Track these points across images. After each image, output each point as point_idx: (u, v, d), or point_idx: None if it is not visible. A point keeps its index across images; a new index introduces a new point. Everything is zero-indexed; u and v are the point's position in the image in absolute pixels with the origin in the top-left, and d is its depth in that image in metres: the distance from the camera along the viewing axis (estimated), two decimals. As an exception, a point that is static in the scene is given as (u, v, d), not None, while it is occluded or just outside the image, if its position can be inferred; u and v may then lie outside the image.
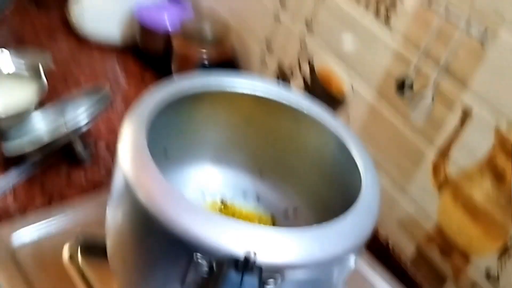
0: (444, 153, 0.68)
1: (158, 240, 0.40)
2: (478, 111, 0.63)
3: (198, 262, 0.38)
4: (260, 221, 0.59)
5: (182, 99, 0.53)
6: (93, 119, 0.73)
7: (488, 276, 0.65)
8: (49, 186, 0.73)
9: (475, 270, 0.66)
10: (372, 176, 0.47)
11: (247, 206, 0.61)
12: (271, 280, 0.38)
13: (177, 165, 0.59)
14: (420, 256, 0.74)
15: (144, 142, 0.44)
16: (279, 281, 0.38)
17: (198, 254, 0.37)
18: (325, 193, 0.57)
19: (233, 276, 0.35)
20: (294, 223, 0.59)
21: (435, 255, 0.72)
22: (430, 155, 0.70)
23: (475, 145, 0.64)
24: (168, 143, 0.57)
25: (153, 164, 0.42)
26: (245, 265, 0.35)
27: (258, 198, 0.61)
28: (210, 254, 0.37)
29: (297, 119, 0.56)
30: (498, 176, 0.62)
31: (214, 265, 0.37)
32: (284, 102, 0.55)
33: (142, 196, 0.40)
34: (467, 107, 0.64)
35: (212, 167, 0.62)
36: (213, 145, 0.60)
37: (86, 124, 0.72)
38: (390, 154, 0.75)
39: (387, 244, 0.78)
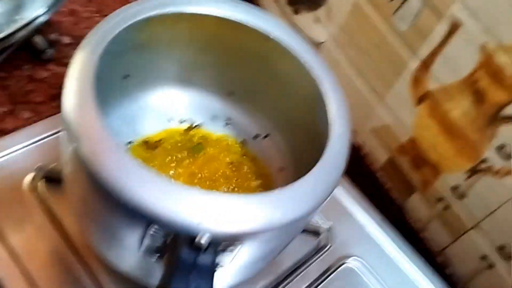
0: (426, 66, 0.64)
1: (106, 203, 0.38)
2: (467, 26, 0.58)
3: (151, 233, 0.37)
4: (230, 146, 0.57)
5: (141, 22, 0.47)
6: (54, 9, 0.66)
7: (455, 193, 0.66)
8: (11, 89, 0.69)
9: (443, 186, 0.67)
10: (342, 124, 0.45)
11: (216, 130, 0.58)
12: (230, 248, 0.37)
13: (140, 90, 0.56)
14: (392, 165, 0.74)
15: (91, 87, 0.40)
16: (238, 248, 0.38)
17: (151, 225, 0.36)
18: (297, 123, 0.55)
19: (187, 256, 0.34)
20: (266, 150, 0.58)
21: (406, 166, 0.72)
22: (412, 66, 0.66)
23: (459, 62, 0.60)
24: (129, 68, 0.52)
25: (100, 118, 0.38)
26: (199, 245, 0.34)
27: (228, 122, 0.59)
28: (163, 226, 0.36)
29: (265, 44, 0.51)
30: (478, 97, 0.60)
31: (168, 239, 0.36)
32: (250, 25, 0.50)
33: (86, 154, 0.37)
34: (457, 20, 0.59)
35: (179, 91, 0.58)
36: (178, 68, 0.56)
37: (46, 13, 0.65)
38: (371, 59, 0.71)
39: (360, 151, 0.78)
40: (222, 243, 0.37)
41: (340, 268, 0.58)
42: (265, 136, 0.58)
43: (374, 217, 0.64)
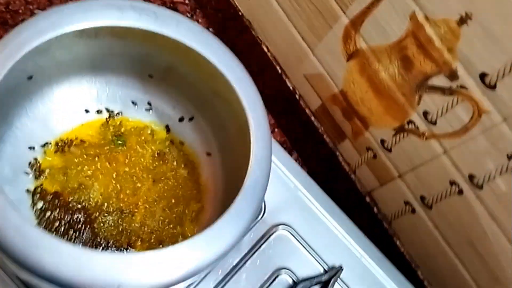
0: (356, 24, 0.61)
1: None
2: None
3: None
4: (154, 132, 0.55)
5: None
6: None
7: (382, 145, 0.67)
8: None
9: (371, 138, 0.68)
10: (262, 145, 0.44)
11: (138, 117, 0.56)
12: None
13: (49, 86, 0.51)
14: (324, 112, 0.74)
15: None
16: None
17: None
18: (220, 107, 0.53)
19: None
20: (191, 134, 0.56)
21: (337, 115, 0.72)
22: (343, 22, 0.63)
23: (389, 26, 0.58)
24: (32, 69, 0.48)
25: None
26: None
27: (151, 107, 0.56)
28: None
29: (172, 48, 0.47)
30: (406, 63, 0.59)
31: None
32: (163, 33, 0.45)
33: None
34: (388, -18, 0.56)
35: (92, 79, 0.54)
36: (88, 56, 0.51)
37: None
38: (302, 7, 0.67)
39: (294, 95, 0.77)
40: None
41: (271, 237, 0.61)
42: (190, 119, 0.56)
43: (303, 181, 0.66)
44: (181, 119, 0.57)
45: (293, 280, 0.60)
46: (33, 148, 0.50)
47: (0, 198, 0.35)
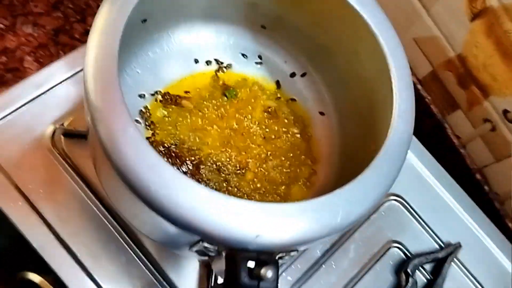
0: (487, -24, 0.55)
1: (141, 205, 0.34)
2: None
3: (201, 244, 0.34)
4: (264, 89, 0.51)
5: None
6: None
7: (505, 117, 0.61)
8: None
9: (491, 108, 0.62)
10: (407, 101, 0.39)
11: (247, 71, 0.52)
12: (286, 258, 0.35)
13: (161, 32, 0.48)
14: (434, 79, 0.68)
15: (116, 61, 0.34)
16: (294, 253, 0.35)
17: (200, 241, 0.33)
18: (340, 62, 0.48)
19: (248, 281, 0.32)
20: (303, 92, 0.52)
21: (450, 82, 0.66)
22: (469, -26, 0.57)
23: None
24: (147, 11, 0.45)
25: (123, 102, 0.33)
26: (263, 277, 0.31)
27: (261, 61, 0.52)
28: (215, 242, 0.33)
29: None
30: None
31: (224, 254, 0.33)
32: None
33: (108, 145, 0.33)
34: None
35: (203, 28, 0.50)
36: (201, 2, 0.48)
37: None
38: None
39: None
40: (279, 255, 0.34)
41: (382, 208, 0.56)
42: (302, 75, 0.52)
43: (416, 149, 0.60)
44: (292, 75, 0.52)
45: (405, 254, 0.55)
46: (143, 96, 0.48)
47: (135, 135, 0.32)
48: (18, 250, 0.48)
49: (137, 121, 0.47)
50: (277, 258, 0.34)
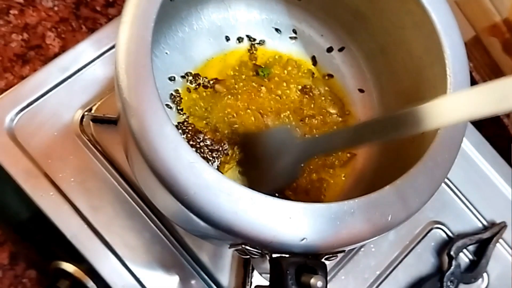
0: None
1: (176, 204, 0.32)
2: None
3: (242, 248, 0.32)
4: (299, 66, 0.48)
5: None
6: None
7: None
8: None
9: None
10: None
11: (281, 47, 0.49)
12: (332, 258, 0.33)
13: (189, 10, 0.45)
14: (477, 45, 0.64)
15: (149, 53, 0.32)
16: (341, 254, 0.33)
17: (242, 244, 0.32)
18: (382, 40, 0.45)
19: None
20: (341, 67, 0.49)
21: (495, 48, 0.62)
22: None
23: None
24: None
25: (157, 96, 0.31)
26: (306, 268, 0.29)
27: (296, 36, 0.49)
28: (257, 245, 0.31)
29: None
30: None
31: (267, 257, 0.32)
32: None
33: (141, 139, 0.31)
34: None
35: (235, 2, 0.47)
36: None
37: None
38: None
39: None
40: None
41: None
42: (340, 49, 0.49)
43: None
44: (329, 49, 0.49)
45: (448, 235, 0.53)
46: (173, 78, 0.45)
47: (172, 133, 0.30)
48: (51, 240, 0.48)
49: (167, 105, 0.44)
50: (323, 259, 0.32)
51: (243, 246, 0.31)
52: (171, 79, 0.45)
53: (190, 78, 0.45)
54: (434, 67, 0.38)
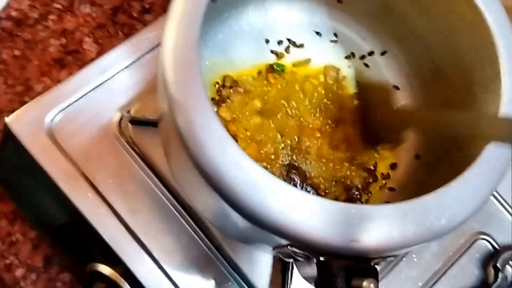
0: None
1: (219, 202, 0.31)
2: None
3: (288, 249, 0.31)
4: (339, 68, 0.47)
5: None
6: None
7: None
8: None
9: None
10: None
11: (321, 49, 0.48)
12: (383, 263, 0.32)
13: (230, 11, 0.45)
14: None
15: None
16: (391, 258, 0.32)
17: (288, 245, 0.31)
18: (432, 45, 0.44)
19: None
20: (383, 69, 0.48)
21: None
22: None
23: None
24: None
25: (204, 91, 0.30)
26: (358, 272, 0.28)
27: (336, 38, 0.48)
28: (304, 247, 0.30)
29: None
30: None
31: (314, 260, 0.31)
32: None
33: (191, 144, 0.30)
34: None
35: (275, 5, 0.46)
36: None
37: None
38: None
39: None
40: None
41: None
42: (382, 53, 0.48)
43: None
44: (371, 53, 0.48)
45: (493, 247, 0.51)
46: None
47: (218, 129, 0.29)
48: (88, 241, 0.47)
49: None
50: (373, 264, 0.31)
51: (289, 247, 0.30)
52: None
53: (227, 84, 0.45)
54: (486, 69, 0.37)
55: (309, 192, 0.41)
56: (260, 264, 0.46)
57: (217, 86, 0.45)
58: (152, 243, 0.45)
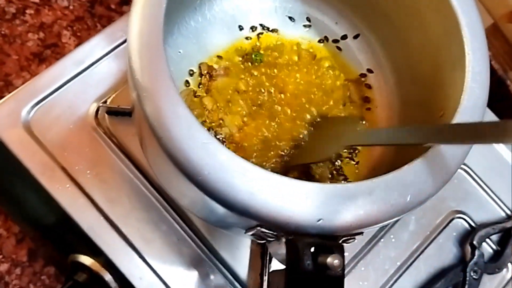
0: None
1: (189, 185, 0.32)
2: None
3: (257, 231, 0.32)
4: (308, 51, 0.48)
5: None
6: None
7: None
8: None
9: None
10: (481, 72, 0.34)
11: (294, 33, 0.48)
12: (350, 241, 0.32)
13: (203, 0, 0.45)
14: (496, 33, 0.63)
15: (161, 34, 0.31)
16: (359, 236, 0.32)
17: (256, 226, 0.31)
18: (402, 27, 0.44)
19: (312, 269, 0.29)
20: (356, 53, 0.48)
21: (514, 35, 0.61)
22: None
23: None
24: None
25: (171, 77, 0.31)
26: (330, 266, 0.29)
27: (309, 23, 0.48)
28: (272, 227, 0.31)
29: None
30: None
31: (283, 239, 0.31)
32: None
33: (154, 121, 0.30)
34: None
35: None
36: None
37: None
38: None
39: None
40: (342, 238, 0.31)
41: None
42: (355, 37, 0.48)
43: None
44: (344, 37, 0.48)
45: (470, 225, 0.51)
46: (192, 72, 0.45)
47: (185, 113, 0.30)
48: (68, 233, 0.48)
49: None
50: (341, 242, 0.31)
51: (258, 228, 0.31)
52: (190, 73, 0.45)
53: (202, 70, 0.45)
54: (452, 47, 0.37)
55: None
56: (240, 251, 0.46)
57: (194, 75, 0.45)
58: (132, 232, 0.45)
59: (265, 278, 0.40)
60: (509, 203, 0.53)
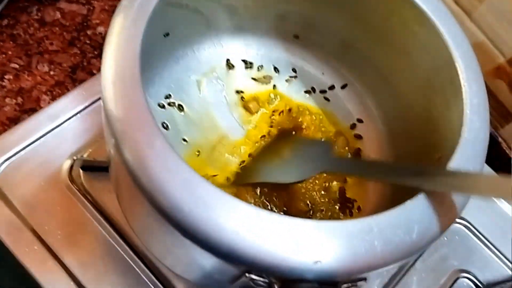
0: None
1: (173, 233, 0.28)
2: None
3: (247, 277, 0.28)
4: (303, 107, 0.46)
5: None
6: None
7: None
8: (21, 38, 0.58)
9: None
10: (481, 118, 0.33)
11: (280, 84, 0.47)
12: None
13: (184, 48, 0.44)
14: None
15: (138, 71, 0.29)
16: (362, 283, 0.29)
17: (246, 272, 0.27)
18: (391, 71, 0.43)
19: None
20: (344, 102, 0.46)
21: (502, 91, 0.60)
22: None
23: None
24: (169, 24, 0.40)
25: (151, 116, 0.28)
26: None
27: (295, 74, 0.47)
28: (264, 271, 0.27)
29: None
30: None
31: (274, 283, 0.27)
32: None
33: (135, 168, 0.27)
34: None
35: (230, 41, 0.46)
36: (228, 14, 0.44)
37: None
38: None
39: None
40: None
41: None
42: (343, 87, 0.47)
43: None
44: (331, 87, 0.47)
45: (476, 285, 0.47)
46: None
47: (163, 146, 0.27)
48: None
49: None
50: (341, 289, 0.27)
51: (247, 275, 0.27)
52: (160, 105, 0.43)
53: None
54: (445, 84, 0.36)
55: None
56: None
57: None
58: (106, 299, 0.40)
59: None
60: (515, 260, 0.49)
